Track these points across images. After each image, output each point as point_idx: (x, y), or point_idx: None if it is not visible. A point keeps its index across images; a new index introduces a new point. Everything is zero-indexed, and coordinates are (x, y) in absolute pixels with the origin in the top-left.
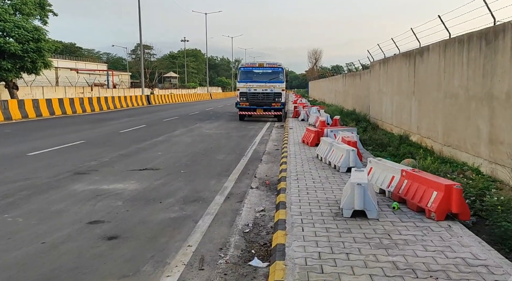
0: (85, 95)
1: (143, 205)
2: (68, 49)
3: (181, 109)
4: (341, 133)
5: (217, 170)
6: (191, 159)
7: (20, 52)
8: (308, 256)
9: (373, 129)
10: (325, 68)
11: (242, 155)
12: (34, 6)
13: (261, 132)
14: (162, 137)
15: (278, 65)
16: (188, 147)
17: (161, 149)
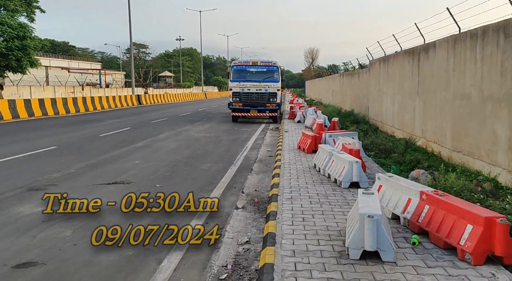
0: (76, 95)
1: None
2: (61, 48)
3: (173, 110)
4: (341, 139)
5: (199, 183)
6: (171, 169)
7: (4, 50)
8: None
9: (374, 132)
10: (322, 67)
11: (231, 163)
12: (20, 3)
13: (254, 135)
14: (144, 142)
15: (273, 64)
16: (170, 153)
17: (139, 157)
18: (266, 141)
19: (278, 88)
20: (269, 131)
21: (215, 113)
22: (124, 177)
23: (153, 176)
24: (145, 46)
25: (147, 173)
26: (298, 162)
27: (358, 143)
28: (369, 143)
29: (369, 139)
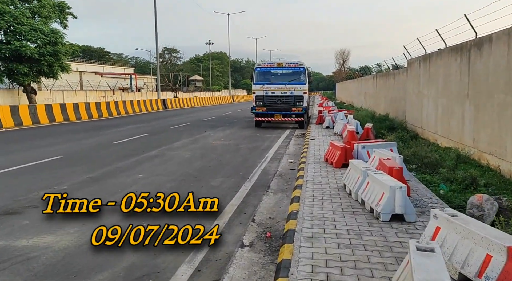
0: (107, 99)
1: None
2: (96, 54)
3: (197, 114)
4: (378, 152)
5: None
6: (177, 186)
7: (37, 55)
8: None
9: (413, 140)
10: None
11: (246, 178)
12: (53, 9)
13: (276, 143)
14: (156, 151)
15: (300, 65)
16: (181, 165)
17: (146, 169)
18: (290, 150)
19: (305, 91)
20: (293, 138)
21: (239, 117)
22: (121, 195)
23: (153, 195)
24: (176, 50)
25: (148, 190)
26: (324, 179)
27: (399, 158)
28: (410, 154)
29: (410, 150)
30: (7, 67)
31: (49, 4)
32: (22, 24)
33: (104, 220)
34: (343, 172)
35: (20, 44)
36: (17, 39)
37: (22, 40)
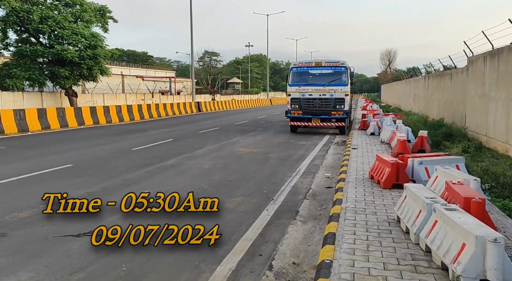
0: (146, 101)
1: None
2: (140, 58)
3: (230, 118)
4: (441, 170)
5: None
6: None
7: (77, 59)
8: None
9: (477, 151)
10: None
11: (270, 199)
12: (94, 13)
13: (312, 152)
14: (175, 160)
15: (341, 64)
16: (196, 178)
17: (156, 182)
18: (327, 161)
19: (347, 92)
20: (332, 147)
21: (274, 121)
22: (113, 219)
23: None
24: (216, 54)
25: None
26: (369, 206)
27: (475, 182)
28: (480, 170)
29: (479, 165)
30: (50, 70)
31: (90, 8)
32: (64, 28)
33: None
34: (394, 195)
35: (62, 48)
36: (59, 43)
37: (64, 44)
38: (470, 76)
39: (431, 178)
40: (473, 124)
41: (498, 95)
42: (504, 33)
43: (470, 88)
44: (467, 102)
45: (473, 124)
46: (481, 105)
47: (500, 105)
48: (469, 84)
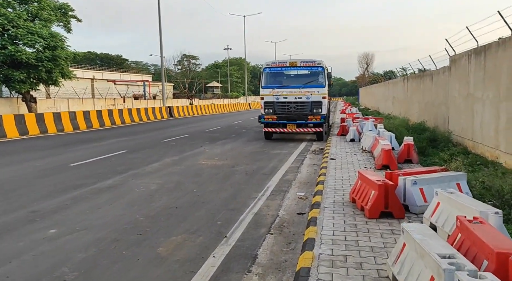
0: (116, 107)
1: None
2: (114, 61)
3: (203, 124)
4: (445, 198)
5: None
6: (91, 261)
7: (34, 61)
8: None
9: (465, 156)
10: (377, 73)
11: (222, 235)
12: (54, 11)
13: (286, 163)
14: (116, 179)
15: (317, 64)
16: (133, 206)
17: (70, 217)
18: (302, 175)
19: (324, 95)
20: (309, 156)
21: (249, 127)
22: None
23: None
24: (195, 57)
25: (28, 276)
26: (351, 251)
27: (495, 217)
28: (479, 185)
29: (478, 179)
30: (3, 74)
31: (49, 6)
32: (19, 27)
33: None
34: (383, 230)
35: (16, 49)
36: (13, 43)
37: (18, 45)
38: (453, 76)
39: (431, 205)
40: (457, 127)
41: (485, 95)
42: (490, 28)
43: (453, 88)
44: (450, 103)
45: (457, 127)
46: (466, 106)
47: (487, 106)
48: (452, 85)
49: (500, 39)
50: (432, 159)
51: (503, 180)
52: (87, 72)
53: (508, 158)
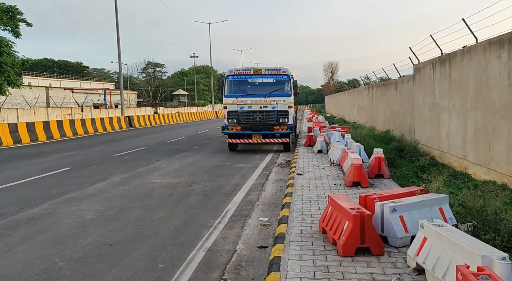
0: (73, 116)
1: None
2: (74, 68)
3: (165, 134)
4: (433, 233)
5: None
6: None
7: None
8: None
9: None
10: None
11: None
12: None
13: (250, 179)
14: (44, 207)
15: (283, 72)
16: (55, 245)
17: None
18: (266, 194)
19: (290, 104)
20: (275, 169)
21: (214, 137)
22: None
23: None
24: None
25: None
26: None
27: (502, 265)
28: (457, 204)
29: (456, 196)
30: None
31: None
32: None
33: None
34: (361, 273)
35: None
36: None
37: None
38: (418, 85)
39: (416, 241)
40: (423, 136)
41: (451, 104)
42: (455, 36)
43: (418, 97)
44: (415, 112)
45: (423, 136)
46: (432, 115)
47: (454, 116)
48: (417, 94)
49: (465, 47)
50: (402, 170)
51: (483, 198)
52: (43, 80)
53: (477, 168)
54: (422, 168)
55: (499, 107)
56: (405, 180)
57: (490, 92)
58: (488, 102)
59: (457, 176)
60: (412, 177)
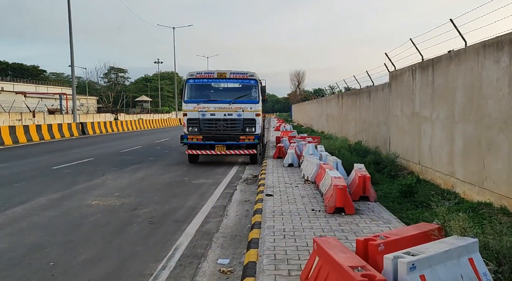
0: (23, 122)
1: None
2: (29, 72)
3: (120, 143)
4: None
5: None
6: None
7: None
8: None
9: (421, 187)
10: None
11: None
12: None
13: (209, 200)
14: None
15: (250, 76)
16: None
17: None
18: (228, 221)
19: (258, 112)
20: (240, 187)
21: (174, 147)
22: None
23: None
24: (123, 70)
25: None
26: None
27: None
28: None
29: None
30: None
31: None
32: None
33: None
34: None
35: None
36: None
37: None
38: (394, 93)
39: None
40: (401, 149)
41: (434, 115)
42: (436, 41)
43: (394, 107)
44: (391, 123)
45: (400, 149)
46: (411, 127)
47: (438, 128)
48: (393, 103)
49: (451, 51)
50: (383, 188)
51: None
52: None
53: (468, 187)
54: (408, 186)
55: (496, 119)
56: (392, 202)
57: (484, 101)
58: (482, 113)
59: (443, 194)
60: (398, 198)
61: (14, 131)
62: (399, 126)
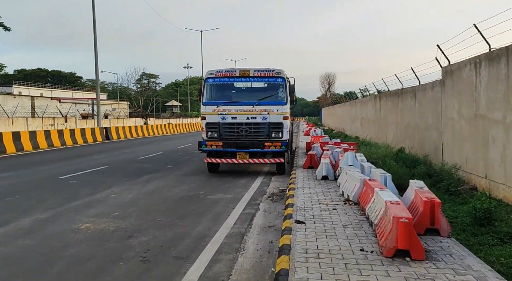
0: (56, 127)
1: None
2: (67, 79)
3: (141, 148)
4: None
5: None
6: None
7: None
8: None
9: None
10: (338, 94)
11: None
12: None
13: (223, 225)
14: None
15: (277, 74)
16: None
17: None
18: (245, 260)
19: (286, 115)
20: (263, 206)
21: (196, 153)
22: None
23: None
24: (155, 76)
25: None
26: None
27: None
28: None
29: None
30: None
31: None
32: None
33: None
34: None
35: None
36: None
37: None
38: (449, 92)
39: None
40: (459, 159)
41: (509, 117)
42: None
43: (449, 108)
44: (445, 127)
45: (458, 159)
46: (473, 132)
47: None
48: (447, 103)
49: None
50: (448, 211)
51: None
52: (35, 90)
53: None
54: (485, 211)
55: None
56: (463, 232)
57: None
58: None
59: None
60: (470, 226)
61: (35, 137)
62: (456, 131)
